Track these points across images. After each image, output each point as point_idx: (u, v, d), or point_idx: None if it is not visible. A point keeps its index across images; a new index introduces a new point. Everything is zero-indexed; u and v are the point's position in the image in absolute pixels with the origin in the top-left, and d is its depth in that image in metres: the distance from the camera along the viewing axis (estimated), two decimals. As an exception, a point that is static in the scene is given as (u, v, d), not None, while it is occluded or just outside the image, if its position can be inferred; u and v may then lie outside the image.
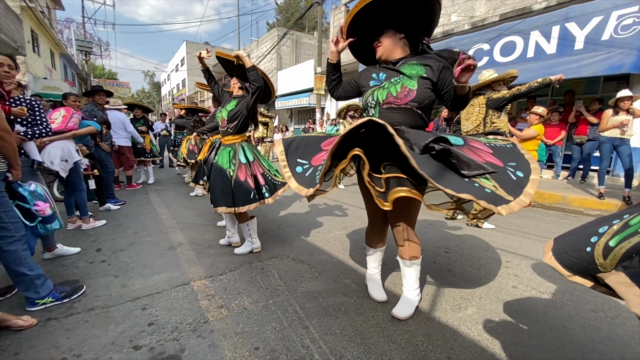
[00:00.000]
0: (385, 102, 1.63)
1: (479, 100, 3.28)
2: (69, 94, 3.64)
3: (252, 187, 2.49)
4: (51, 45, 15.75)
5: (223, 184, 2.47)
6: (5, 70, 1.91)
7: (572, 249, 0.98)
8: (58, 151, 2.83)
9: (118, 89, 27.07)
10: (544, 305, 1.92)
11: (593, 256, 0.91)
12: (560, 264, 0.99)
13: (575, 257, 0.96)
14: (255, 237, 2.71)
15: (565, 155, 6.78)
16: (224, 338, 1.59)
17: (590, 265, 0.92)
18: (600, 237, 0.92)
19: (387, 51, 1.71)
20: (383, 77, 1.70)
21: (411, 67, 1.63)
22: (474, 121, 3.32)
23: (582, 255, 0.94)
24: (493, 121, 3.21)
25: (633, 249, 0.82)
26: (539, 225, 3.66)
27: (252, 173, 2.54)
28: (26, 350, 1.49)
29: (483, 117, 3.24)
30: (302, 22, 21.05)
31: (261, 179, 2.56)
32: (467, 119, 3.42)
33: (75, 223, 3.34)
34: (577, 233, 1.02)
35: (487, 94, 3.25)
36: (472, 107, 3.37)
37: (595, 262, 0.90)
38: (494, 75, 3.31)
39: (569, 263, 0.98)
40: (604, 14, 4.99)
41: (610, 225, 0.91)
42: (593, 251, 0.91)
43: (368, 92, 1.72)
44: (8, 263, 1.72)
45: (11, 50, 8.85)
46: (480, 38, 6.68)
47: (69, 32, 23.73)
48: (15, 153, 1.73)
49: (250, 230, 2.67)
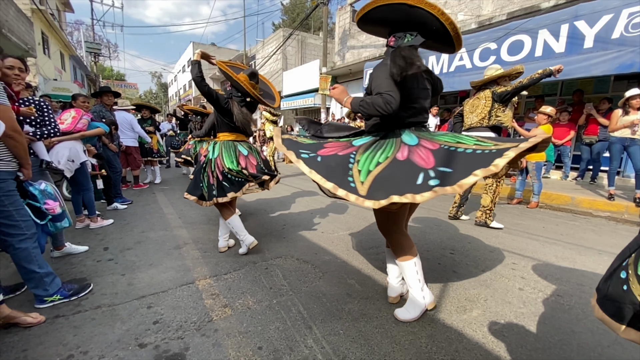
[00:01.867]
0: None
1: (485, 93, 3.28)
2: (78, 95, 3.70)
3: (211, 183, 2.52)
4: (61, 47, 16.02)
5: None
6: (16, 73, 1.95)
7: (612, 293, 0.85)
8: (65, 151, 2.88)
9: (126, 90, 27.45)
10: (551, 308, 1.89)
11: (633, 293, 0.78)
12: (607, 314, 0.85)
13: (618, 301, 0.82)
14: (244, 234, 2.64)
15: (574, 156, 6.67)
16: (228, 337, 1.60)
17: (635, 305, 0.78)
18: (627, 269, 0.81)
19: None
20: None
21: None
22: (479, 114, 3.31)
23: (621, 296, 0.82)
24: (497, 115, 3.21)
25: None
26: (547, 226, 3.61)
27: (213, 170, 2.54)
28: (34, 347, 1.52)
29: (488, 110, 3.23)
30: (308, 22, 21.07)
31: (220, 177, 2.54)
32: (471, 112, 3.41)
33: (84, 222, 3.39)
34: (609, 272, 0.89)
35: (492, 88, 3.24)
36: (477, 100, 3.35)
37: (638, 298, 0.77)
38: (500, 71, 3.29)
39: (614, 311, 0.84)
40: (614, 12, 4.89)
41: (629, 255, 0.82)
42: (630, 288, 0.79)
43: None
44: (19, 260, 1.76)
45: (22, 52, 9.02)
46: (487, 37, 6.60)
47: (78, 34, 24.15)
48: (26, 153, 1.77)
49: (233, 228, 2.63)
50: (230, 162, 2.51)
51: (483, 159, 1.26)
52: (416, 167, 1.37)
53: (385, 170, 1.42)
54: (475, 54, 6.83)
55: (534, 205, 4.50)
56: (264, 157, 2.77)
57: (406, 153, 1.45)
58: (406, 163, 1.41)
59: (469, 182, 1.22)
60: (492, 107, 3.22)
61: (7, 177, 1.69)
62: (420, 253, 2.70)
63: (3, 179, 1.66)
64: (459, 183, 1.22)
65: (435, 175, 1.30)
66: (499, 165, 1.19)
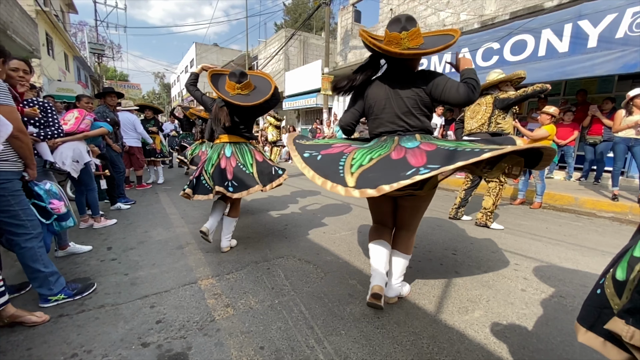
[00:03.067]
0: None
1: (486, 99, 3.26)
2: (82, 95, 3.73)
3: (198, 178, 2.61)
4: (65, 48, 16.13)
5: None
6: (21, 75, 1.97)
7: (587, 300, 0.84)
8: (70, 152, 2.90)
9: (129, 90, 27.60)
10: (553, 309, 1.88)
11: (606, 297, 0.76)
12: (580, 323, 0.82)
13: (590, 306, 0.80)
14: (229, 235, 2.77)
15: (578, 156, 6.63)
16: (230, 337, 1.61)
17: (604, 309, 0.75)
18: (606, 275, 0.79)
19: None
20: None
21: None
22: (479, 120, 3.29)
23: (594, 300, 0.80)
24: (498, 122, 3.19)
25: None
26: (550, 227, 3.59)
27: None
28: (39, 345, 1.54)
29: (489, 117, 3.21)
30: (310, 22, 21.09)
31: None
32: (472, 118, 3.40)
33: (87, 222, 3.42)
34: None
35: (494, 94, 3.22)
36: (478, 106, 3.34)
37: (610, 302, 0.75)
38: (501, 76, 3.28)
39: (582, 314, 0.82)
40: (618, 11, 4.86)
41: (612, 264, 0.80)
42: (603, 291, 0.77)
43: None
44: (25, 260, 1.78)
45: (27, 53, 9.10)
46: (490, 37, 6.58)
47: (82, 35, 24.23)
48: (31, 153, 1.79)
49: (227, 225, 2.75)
50: (209, 165, 2.60)
51: (466, 155, 1.32)
52: (408, 164, 1.41)
53: (376, 164, 1.47)
54: (478, 54, 6.81)
55: (537, 206, 4.48)
56: (263, 158, 2.77)
57: (402, 154, 1.50)
58: (399, 161, 1.46)
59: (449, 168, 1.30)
60: (492, 113, 3.20)
61: (13, 177, 1.71)
62: (422, 254, 2.72)
63: (9, 179, 1.68)
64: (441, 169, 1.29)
65: (425, 171, 1.35)
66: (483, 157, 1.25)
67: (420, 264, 2.52)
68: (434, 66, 7.87)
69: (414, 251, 2.75)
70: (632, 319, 0.67)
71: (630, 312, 0.69)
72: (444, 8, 8.60)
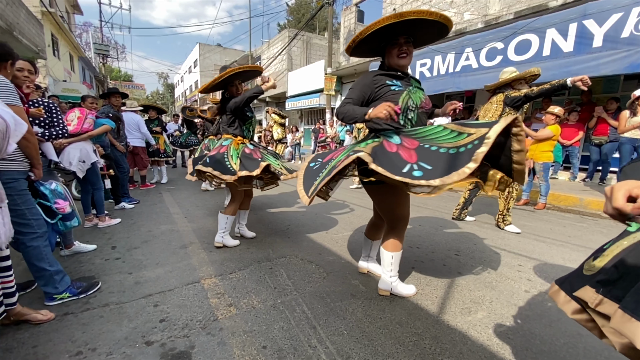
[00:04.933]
0: (420, 107, 1.79)
1: (498, 97, 3.24)
2: (86, 96, 3.77)
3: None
4: (70, 48, 16.28)
5: None
6: (26, 75, 1.99)
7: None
8: (77, 152, 2.93)
9: (133, 91, 27.78)
10: (557, 311, 1.86)
11: (582, 266, 0.87)
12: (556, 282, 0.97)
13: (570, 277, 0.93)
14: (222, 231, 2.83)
15: (583, 156, 6.57)
16: (233, 336, 1.62)
17: (578, 277, 0.87)
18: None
19: (410, 62, 1.82)
20: (398, 84, 1.77)
21: (415, 81, 1.89)
22: (490, 118, 3.28)
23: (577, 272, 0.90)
24: None
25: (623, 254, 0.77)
26: (554, 228, 3.57)
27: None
28: (44, 343, 1.55)
29: (499, 115, 3.20)
30: (313, 22, 21.11)
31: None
32: (484, 116, 3.38)
33: (92, 221, 3.45)
34: None
35: (506, 92, 3.20)
36: (490, 105, 3.33)
37: (583, 268, 0.86)
38: (515, 74, 3.23)
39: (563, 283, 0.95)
40: (624, 10, 4.81)
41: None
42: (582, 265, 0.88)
43: (404, 95, 1.74)
44: (30, 258, 1.80)
45: (32, 54, 9.19)
46: (494, 37, 6.54)
47: (87, 36, 24.45)
48: (37, 153, 1.81)
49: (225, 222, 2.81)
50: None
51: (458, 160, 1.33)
52: (403, 159, 1.48)
53: (377, 147, 1.58)
54: (482, 53, 6.77)
55: (541, 207, 4.45)
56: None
57: (395, 148, 1.56)
58: (395, 154, 1.52)
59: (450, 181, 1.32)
60: (502, 111, 3.18)
61: (20, 177, 1.74)
62: (425, 254, 2.71)
63: (15, 179, 1.70)
64: (442, 178, 1.31)
65: (418, 168, 1.42)
66: (471, 168, 1.25)
67: (423, 264, 2.52)
68: (434, 66, 7.85)
69: (416, 252, 2.75)
70: (602, 289, 0.77)
71: (602, 283, 0.78)
72: (448, 8, 8.57)
